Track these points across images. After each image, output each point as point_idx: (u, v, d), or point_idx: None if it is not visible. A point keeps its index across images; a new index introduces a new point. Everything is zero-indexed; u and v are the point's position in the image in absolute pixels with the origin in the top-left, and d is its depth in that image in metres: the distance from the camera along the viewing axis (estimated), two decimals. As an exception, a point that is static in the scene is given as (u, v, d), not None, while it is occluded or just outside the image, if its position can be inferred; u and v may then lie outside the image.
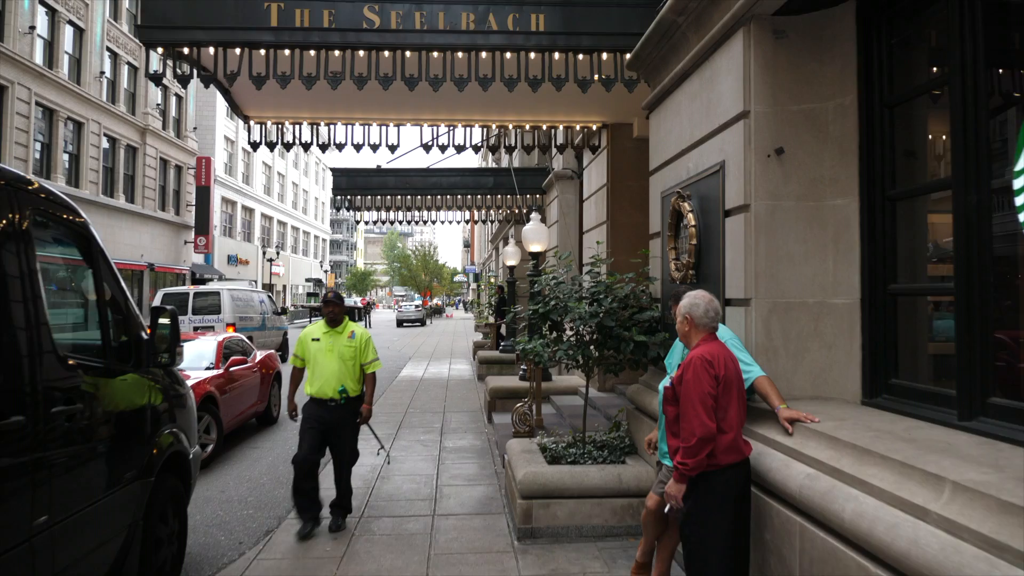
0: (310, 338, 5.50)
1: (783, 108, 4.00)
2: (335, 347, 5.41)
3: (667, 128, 5.53)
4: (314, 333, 5.52)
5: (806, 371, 3.97)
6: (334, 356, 5.38)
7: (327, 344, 5.42)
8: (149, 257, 30.79)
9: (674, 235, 5.18)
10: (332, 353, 5.39)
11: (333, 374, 5.36)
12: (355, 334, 5.51)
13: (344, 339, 5.46)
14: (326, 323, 5.50)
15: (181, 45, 6.42)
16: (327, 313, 5.47)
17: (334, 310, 5.46)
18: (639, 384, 5.93)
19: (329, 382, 5.36)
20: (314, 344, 5.46)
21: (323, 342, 5.44)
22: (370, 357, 5.57)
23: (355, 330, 5.54)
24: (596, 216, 10.33)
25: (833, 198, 3.92)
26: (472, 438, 8.95)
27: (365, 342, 5.53)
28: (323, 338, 5.46)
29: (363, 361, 5.52)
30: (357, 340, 5.50)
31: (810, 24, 4.00)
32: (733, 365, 3.32)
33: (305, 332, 5.59)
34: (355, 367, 5.47)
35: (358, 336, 5.51)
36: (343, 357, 5.40)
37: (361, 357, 5.51)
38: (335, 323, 5.47)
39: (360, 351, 5.49)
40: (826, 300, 3.94)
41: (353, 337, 5.50)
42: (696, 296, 3.42)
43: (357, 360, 5.48)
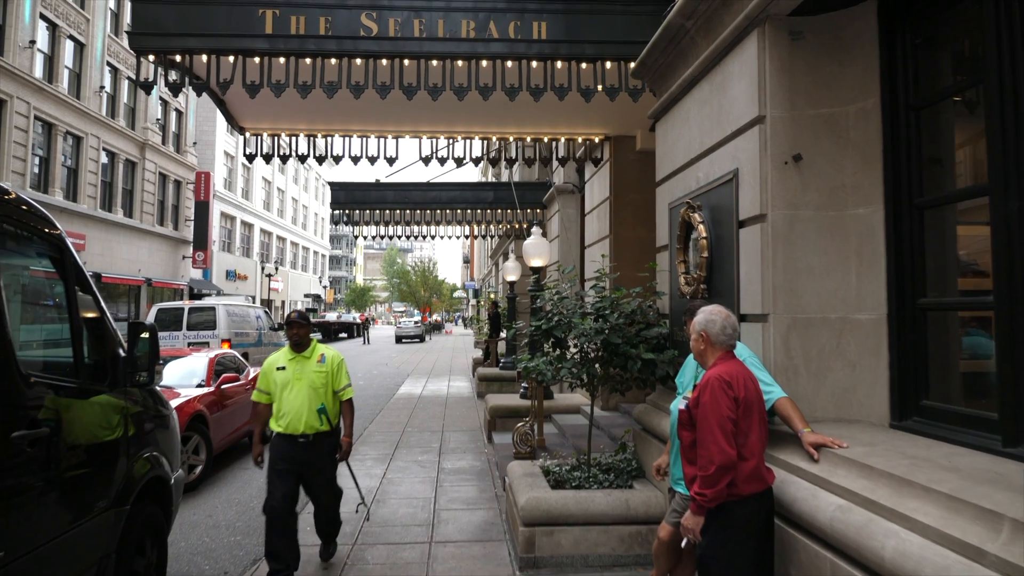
0: (274, 367, 4.81)
1: (801, 112, 3.78)
2: (304, 374, 4.72)
3: (675, 137, 5.32)
4: (278, 361, 4.84)
5: (829, 391, 3.72)
6: (303, 385, 4.69)
7: (294, 372, 4.74)
8: (147, 272, 30.55)
9: (683, 248, 4.94)
10: (301, 382, 4.70)
11: (303, 405, 4.67)
12: (325, 357, 4.85)
13: (313, 364, 4.78)
14: (291, 348, 4.82)
15: (173, 52, 6.22)
16: (291, 336, 4.77)
17: (298, 332, 4.76)
18: (646, 404, 5.67)
19: (299, 415, 4.66)
20: (279, 374, 4.77)
21: (289, 370, 4.75)
22: (343, 382, 4.88)
23: (325, 353, 4.88)
24: (598, 230, 10.11)
25: (855, 207, 3.69)
26: (471, 459, 8.67)
27: (337, 366, 4.86)
28: (289, 366, 4.77)
29: (336, 387, 4.84)
30: (328, 364, 4.82)
31: (828, 24, 3.79)
32: (753, 386, 3.07)
33: (268, 361, 4.90)
34: (328, 395, 4.79)
35: (329, 360, 4.84)
36: (313, 385, 4.71)
37: (334, 383, 4.83)
38: (301, 347, 4.81)
39: (332, 376, 4.82)
40: (849, 315, 3.70)
41: (323, 361, 4.82)
42: (712, 312, 3.18)
43: (329, 387, 4.80)
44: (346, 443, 4.98)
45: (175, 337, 15.45)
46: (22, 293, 3.33)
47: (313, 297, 62.61)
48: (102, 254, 26.85)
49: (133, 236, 29.53)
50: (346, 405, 4.95)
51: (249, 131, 9.13)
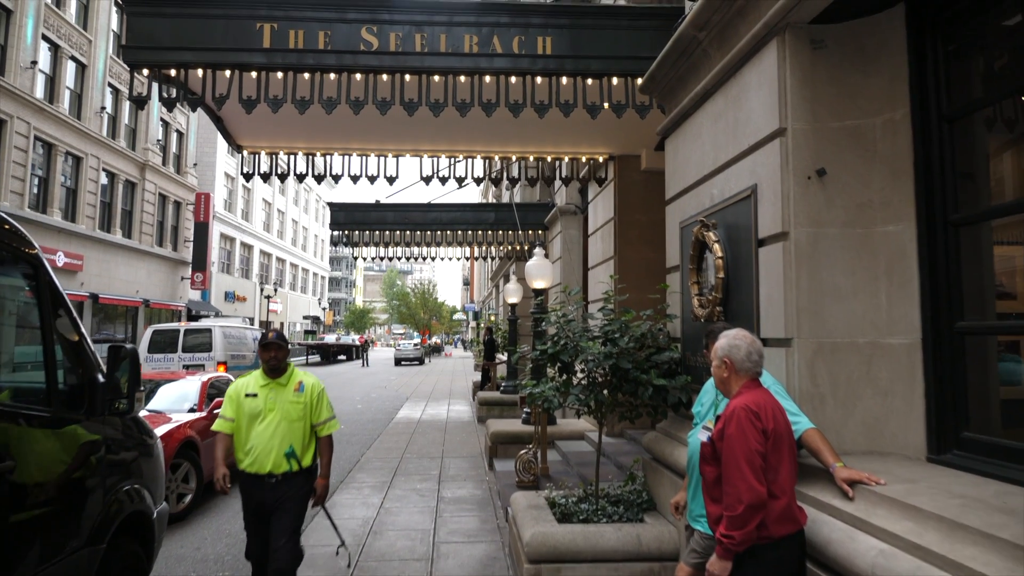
0: (243, 393, 4.19)
1: (824, 125, 3.58)
2: (277, 404, 4.13)
3: (686, 153, 5.12)
4: (249, 386, 4.22)
5: (858, 422, 3.47)
6: (276, 416, 4.10)
7: (266, 400, 4.14)
8: (145, 293, 30.33)
9: (696, 268, 4.72)
10: (274, 412, 4.10)
11: (274, 440, 4.06)
12: (304, 386, 4.24)
13: (289, 393, 4.19)
14: (265, 372, 4.21)
15: (168, 67, 6.06)
16: (266, 360, 4.16)
17: (276, 356, 4.16)
18: (657, 432, 5.41)
19: (268, 450, 4.04)
20: (249, 401, 4.15)
21: (261, 398, 4.15)
22: (324, 415, 4.27)
23: (303, 380, 4.28)
24: (602, 251, 9.90)
25: (884, 224, 3.47)
26: (472, 487, 8.37)
27: (317, 396, 4.26)
28: (261, 393, 4.17)
29: (315, 421, 4.23)
30: (307, 394, 4.23)
31: (851, 33, 3.60)
32: (782, 416, 2.82)
33: (236, 386, 4.29)
34: (304, 429, 4.18)
35: (308, 388, 4.25)
36: (288, 417, 4.12)
37: (313, 415, 4.22)
38: (277, 372, 4.21)
39: (311, 407, 4.22)
40: (879, 340, 3.46)
41: (301, 390, 4.22)
42: (736, 336, 2.94)
43: (307, 420, 4.20)
44: (322, 485, 4.34)
45: (170, 359, 15.20)
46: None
47: (312, 319, 62.32)
48: (100, 275, 26.65)
49: (132, 257, 29.35)
50: (325, 441, 4.31)
51: (247, 149, 8.96)
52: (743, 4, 3.94)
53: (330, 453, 4.37)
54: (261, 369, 4.24)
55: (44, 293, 3.18)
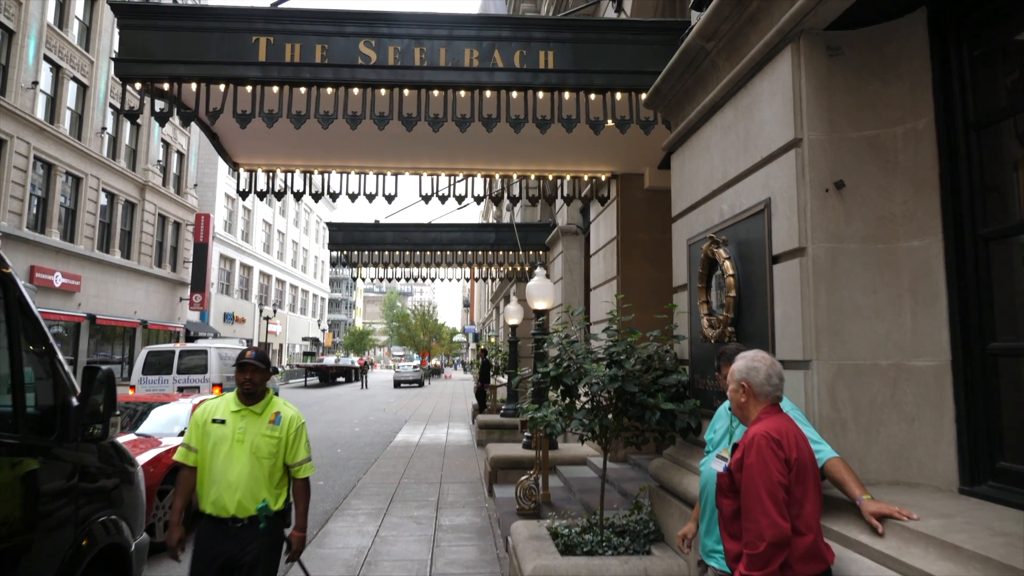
0: (209, 419, 3.54)
1: (842, 135, 3.40)
2: (248, 435, 3.48)
3: (693, 168, 4.95)
4: (217, 411, 3.58)
5: (882, 449, 3.25)
6: (244, 450, 3.45)
7: (235, 429, 3.49)
8: (143, 314, 30.12)
9: (705, 287, 4.52)
10: (242, 445, 3.46)
11: (240, 478, 3.41)
12: (281, 418, 3.58)
13: (263, 424, 3.53)
14: (238, 397, 3.57)
15: (161, 80, 5.91)
16: (241, 383, 3.53)
17: (252, 378, 3.52)
18: (664, 459, 5.17)
19: (232, 489, 3.40)
20: (215, 428, 3.51)
21: (230, 426, 3.50)
22: (301, 455, 3.61)
23: (282, 411, 3.61)
24: (605, 272, 9.71)
25: (908, 239, 3.28)
26: (471, 514, 8.10)
27: (296, 432, 3.60)
28: (231, 420, 3.52)
29: (290, 461, 3.58)
30: (283, 428, 3.56)
31: (869, 39, 3.44)
32: (806, 445, 2.61)
33: (203, 408, 3.63)
34: (276, 469, 3.52)
35: (286, 422, 3.58)
36: (258, 452, 3.46)
37: (287, 454, 3.57)
38: (252, 398, 3.56)
39: (287, 444, 3.56)
40: (904, 362, 3.25)
41: (277, 422, 3.56)
42: (755, 358, 2.73)
43: (280, 458, 3.54)
44: (298, 539, 3.64)
45: (165, 381, 14.96)
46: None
47: (311, 340, 62.06)
48: (98, 295, 26.46)
49: (130, 278, 29.19)
50: (300, 486, 3.64)
51: (243, 167, 8.81)
52: (754, 12, 3.78)
53: (307, 500, 3.67)
54: (235, 392, 3.59)
55: (13, 311, 2.97)
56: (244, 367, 3.54)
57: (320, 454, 13.18)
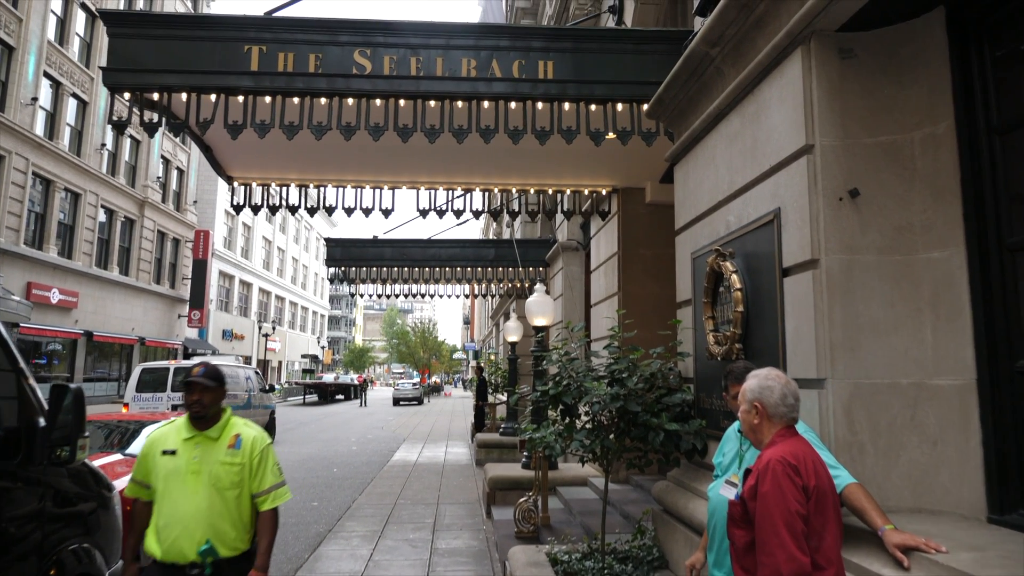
0: (159, 450, 3.03)
1: (855, 141, 3.23)
2: (204, 465, 2.98)
3: (697, 179, 4.78)
4: (167, 440, 3.06)
5: (902, 474, 3.05)
6: (201, 482, 2.96)
7: (189, 460, 2.99)
8: (140, 331, 29.93)
9: (711, 302, 4.33)
10: (198, 476, 2.96)
11: (198, 514, 2.92)
12: (242, 440, 3.08)
13: (221, 450, 3.04)
14: (189, 422, 3.07)
15: (150, 90, 5.76)
16: (189, 405, 3.03)
17: (201, 399, 3.02)
18: (668, 482, 4.96)
19: (189, 529, 2.91)
20: (165, 461, 3.00)
21: (182, 456, 3.00)
22: (268, 482, 3.09)
23: (242, 433, 3.10)
24: (606, 287, 9.53)
25: (927, 250, 3.10)
26: (468, 537, 7.85)
27: (260, 455, 3.09)
28: (183, 449, 3.02)
29: (255, 490, 3.06)
30: (245, 452, 3.06)
31: (883, 41, 3.28)
32: (824, 471, 2.40)
33: (152, 438, 3.11)
34: (240, 501, 3.03)
35: (247, 445, 3.08)
36: (218, 484, 2.97)
37: (252, 483, 3.06)
38: (204, 422, 3.06)
39: (251, 471, 3.05)
40: (925, 381, 3.05)
41: (238, 447, 3.06)
42: (768, 376, 2.53)
43: (245, 489, 3.04)
44: None
45: (159, 399, 14.74)
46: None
47: (311, 357, 61.78)
48: (95, 312, 26.30)
49: (128, 294, 29.04)
50: (266, 518, 3.09)
51: (238, 180, 8.66)
52: (761, 14, 3.63)
53: (273, 534, 3.11)
54: (186, 417, 3.09)
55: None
56: (191, 387, 3.01)
57: (316, 474, 12.93)
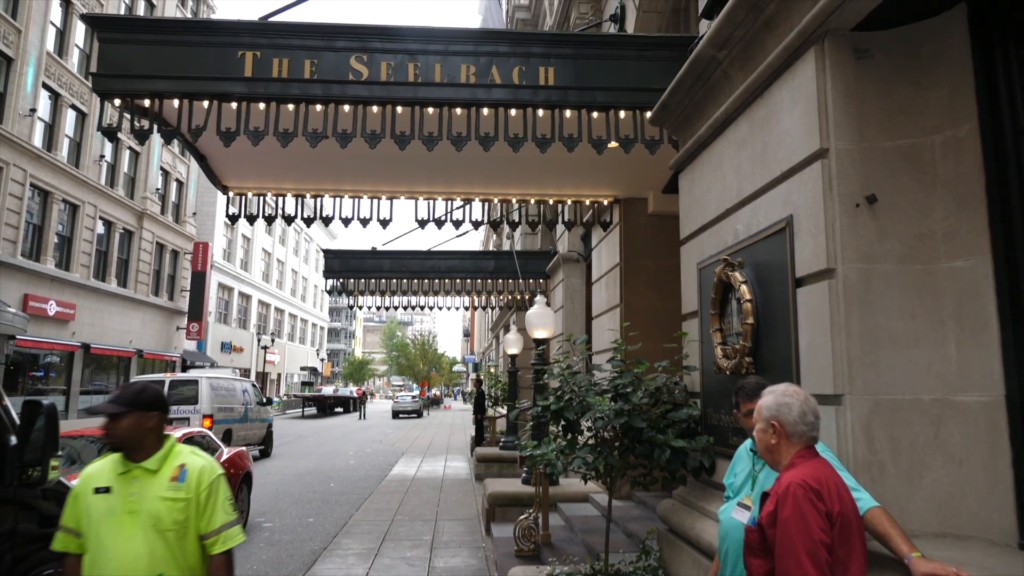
0: (91, 488, 2.53)
1: (872, 145, 3.08)
2: (143, 503, 2.49)
3: (704, 187, 4.63)
4: (99, 476, 2.56)
5: (926, 496, 2.87)
6: (139, 524, 2.46)
7: (125, 498, 2.50)
8: (138, 343, 29.71)
9: (719, 314, 4.17)
10: (135, 518, 2.47)
11: (137, 563, 2.44)
12: (186, 471, 2.57)
13: (162, 483, 2.54)
14: (123, 456, 2.55)
15: (141, 96, 5.63)
16: (108, 440, 2.53)
17: (111, 430, 2.51)
18: (674, 500, 4.77)
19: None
20: (97, 501, 2.51)
21: (117, 494, 2.50)
22: (219, 520, 2.58)
23: (187, 464, 2.59)
24: (607, 299, 9.37)
25: (950, 259, 2.93)
26: (467, 555, 7.64)
27: (208, 488, 2.58)
28: (118, 486, 2.52)
29: (203, 529, 2.56)
30: (190, 484, 2.55)
31: (900, 40, 3.13)
32: (848, 496, 2.24)
33: (85, 475, 2.60)
34: (186, 544, 2.53)
35: (193, 476, 2.57)
36: (159, 524, 2.48)
37: (199, 521, 2.56)
38: (134, 453, 2.54)
39: (198, 507, 2.55)
40: (949, 397, 2.88)
41: (182, 478, 2.55)
42: (785, 393, 2.37)
43: (191, 528, 2.54)
44: None
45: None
46: None
47: (310, 370, 61.50)
48: (92, 324, 26.10)
49: (126, 306, 28.85)
50: (220, 563, 2.58)
51: (233, 190, 8.52)
52: (771, 15, 3.49)
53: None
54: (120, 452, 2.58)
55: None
56: (114, 415, 2.51)
57: (313, 488, 12.72)
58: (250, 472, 9.51)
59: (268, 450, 18.47)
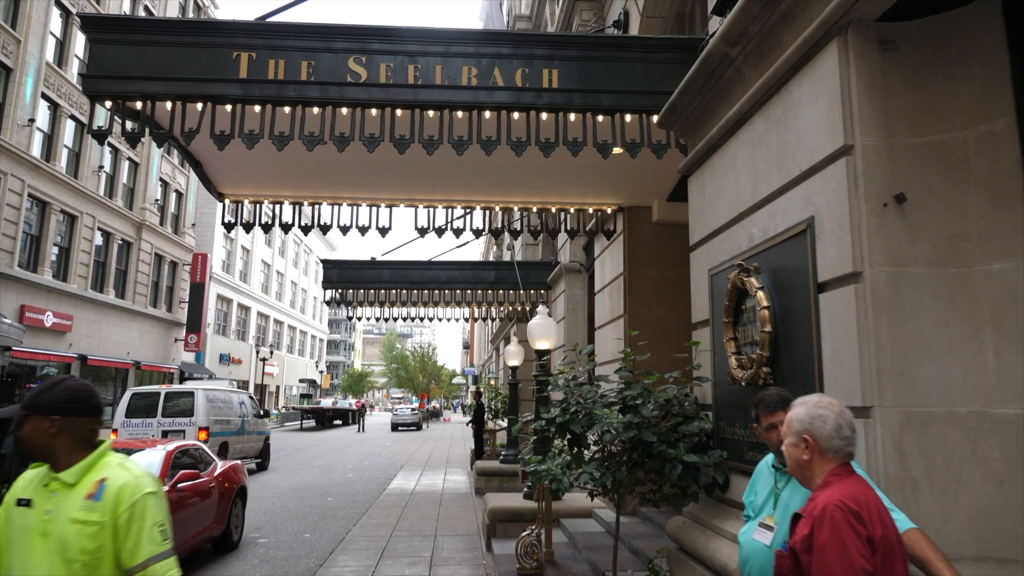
0: (14, 499, 2.18)
1: (900, 141, 2.90)
2: (55, 523, 2.07)
3: (715, 190, 4.45)
4: (25, 487, 2.20)
5: (964, 516, 2.67)
6: (47, 548, 2.06)
7: (39, 516, 2.10)
8: (136, 355, 29.47)
9: (733, 322, 3.98)
10: (45, 540, 2.07)
11: None
12: (105, 488, 2.11)
13: (76, 502, 2.10)
14: (50, 467, 2.17)
15: (133, 98, 5.46)
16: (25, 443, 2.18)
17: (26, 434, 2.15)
18: (684, 518, 4.56)
19: None
20: (18, 515, 2.14)
21: (34, 511, 2.11)
22: (145, 551, 2.09)
23: (109, 477, 2.13)
24: (611, 310, 9.18)
25: (986, 262, 2.75)
26: (467, 573, 7.40)
27: (130, 510, 2.09)
28: (38, 499, 2.13)
29: (127, 562, 2.09)
30: (107, 505, 2.09)
31: (928, 31, 2.96)
32: (890, 519, 2.04)
33: (15, 484, 2.25)
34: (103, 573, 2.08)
35: (110, 494, 2.10)
36: (66, 551, 2.05)
37: (118, 551, 2.09)
38: (53, 463, 2.16)
39: (116, 533, 2.09)
40: (987, 409, 2.69)
41: (99, 497, 2.09)
42: (819, 404, 2.17)
43: (107, 560, 2.08)
44: None
45: (149, 425, 14.27)
46: None
47: (309, 382, 61.16)
48: (90, 336, 25.88)
49: (124, 317, 28.64)
50: None
51: (229, 198, 8.34)
52: (789, 6, 3.32)
53: None
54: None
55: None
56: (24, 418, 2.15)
57: (309, 503, 12.46)
58: (245, 486, 9.27)
59: (265, 463, 18.20)
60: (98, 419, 2.23)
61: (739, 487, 3.95)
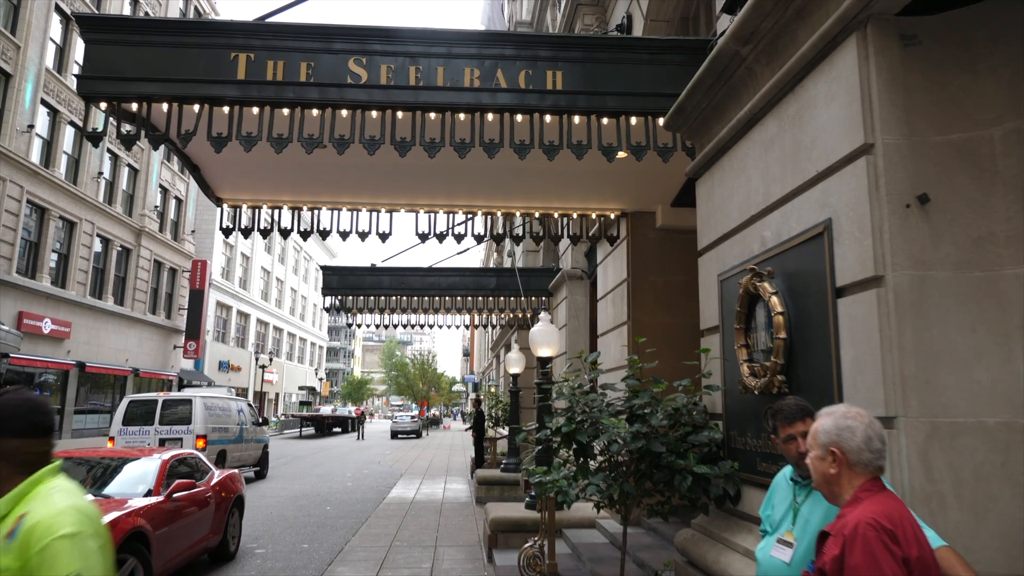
0: None
1: (922, 139, 2.78)
2: None
3: (724, 193, 4.33)
4: None
5: (993, 532, 2.54)
6: None
7: None
8: (134, 362, 29.31)
9: (744, 328, 3.85)
10: None
11: None
12: (20, 527, 1.69)
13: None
14: None
15: (128, 100, 5.35)
16: None
17: None
18: (693, 530, 4.42)
19: None
20: None
21: None
22: None
23: (29, 513, 1.70)
24: (614, 317, 9.05)
25: (1015, 265, 2.63)
26: (469, 586, 7.25)
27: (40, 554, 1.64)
28: None
29: None
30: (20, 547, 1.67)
31: (951, 25, 2.85)
32: (924, 538, 1.91)
33: None
34: None
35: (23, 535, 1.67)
36: None
37: None
38: None
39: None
40: (1018, 420, 2.56)
41: (14, 536, 1.68)
42: (847, 415, 2.04)
43: None
44: None
45: (147, 432, 14.11)
46: None
47: (308, 389, 60.94)
48: (88, 343, 25.74)
49: (122, 324, 28.49)
50: None
51: (227, 203, 8.23)
52: (804, 2, 3.21)
53: None
54: None
55: None
56: None
57: (308, 512, 12.30)
58: (242, 496, 9.11)
59: (264, 471, 18.03)
60: (44, 440, 1.85)
61: (751, 499, 3.82)
